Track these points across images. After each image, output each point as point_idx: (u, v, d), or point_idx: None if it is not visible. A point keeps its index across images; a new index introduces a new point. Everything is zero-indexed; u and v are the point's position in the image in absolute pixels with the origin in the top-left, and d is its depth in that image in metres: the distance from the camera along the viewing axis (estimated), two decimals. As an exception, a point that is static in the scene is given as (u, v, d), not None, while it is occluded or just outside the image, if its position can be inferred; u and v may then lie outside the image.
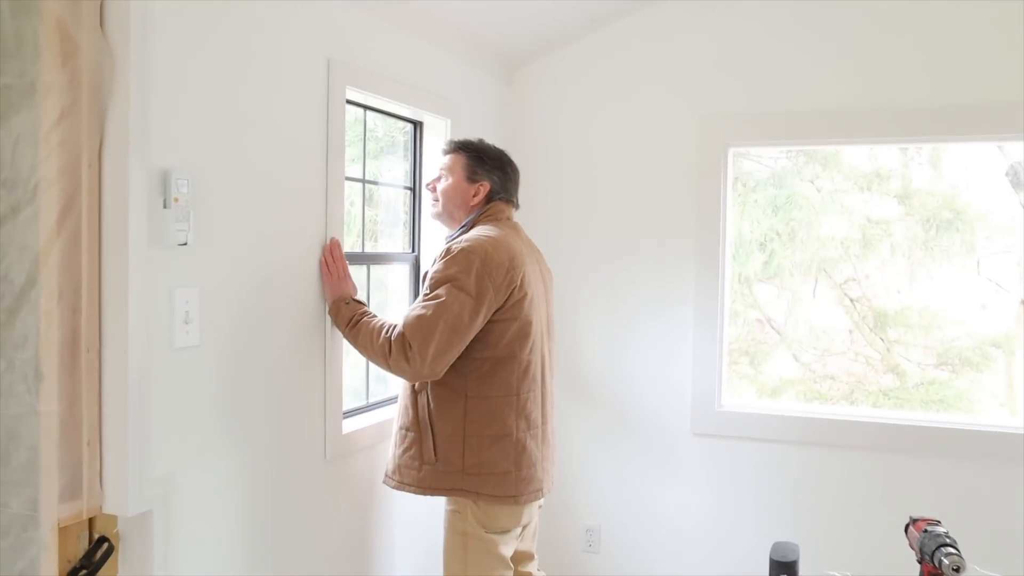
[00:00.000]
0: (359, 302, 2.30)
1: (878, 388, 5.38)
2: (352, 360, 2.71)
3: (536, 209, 3.37)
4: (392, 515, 2.70)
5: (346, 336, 2.26)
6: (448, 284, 2.13)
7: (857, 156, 5.14)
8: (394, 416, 2.38)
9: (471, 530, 2.24)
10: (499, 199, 2.38)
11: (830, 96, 3.07)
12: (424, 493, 2.25)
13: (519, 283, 2.21)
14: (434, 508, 2.95)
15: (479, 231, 2.26)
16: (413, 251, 2.96)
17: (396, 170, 2.96)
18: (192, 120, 1.82)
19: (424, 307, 2.13)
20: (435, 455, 2.22)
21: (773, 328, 5.62)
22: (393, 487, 2.31)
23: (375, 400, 2.75)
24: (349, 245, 2.57)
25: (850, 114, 3.05)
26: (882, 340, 5.47)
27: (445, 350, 2.11)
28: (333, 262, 2.28)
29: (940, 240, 5.17)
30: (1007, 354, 5.20)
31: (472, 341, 2.17)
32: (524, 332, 2.24)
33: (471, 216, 2.34)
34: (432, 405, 2.23)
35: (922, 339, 5.39)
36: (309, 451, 2.27)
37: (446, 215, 2.40)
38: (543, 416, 2.33)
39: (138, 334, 1.68)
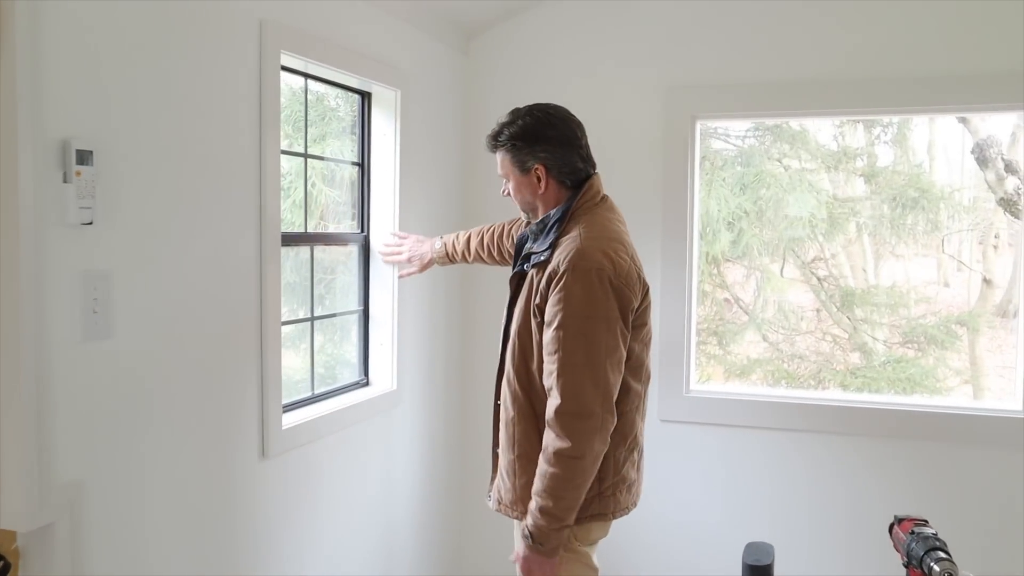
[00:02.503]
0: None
1: (845, 367, 5.34)
2: (297, 348, 2.54)
3: (495, 185, 3.18)
4: (340, 515, 2.53)
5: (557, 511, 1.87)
6: (582, 321, 1.82)
7: (824, 135, 5.05)
8: (502, 445, 2.04)
9: (565, 543, 1.94)
10: (592, 177, 2.03)
11: (801, 66, 2.92)
12: None
13: (643, 277, 1.96)
14: (390, 508, 2.78)
15: (584, 230, 1.91)
16: (362, 231, 2.76)
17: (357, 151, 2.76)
18: (99, 84, 1.61)
19: (564, 367, 1.82)
20: None
21: (741, 308, 5.53)
22: (516, 518, 2.01)
23: (321, 391, 2.57)
24: (288, 224, 2.38)
25: (821, 84, 2.90)
26: (849, 319, 5.42)
27: (610, 388, 1.85)
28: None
29: (906, 219, 5.13)
30: (971, 332, 5.18)
31: None
32: (648, 336, 2.02)
33: (563, 206, 1.98)
34: None
35: (888, 318, 5.36)
36: (243, 449, 2.08)
37: (531, 214, 2.08)
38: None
39: (35, 326, 1.48)
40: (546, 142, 1.98)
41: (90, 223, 1.58)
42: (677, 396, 3.09)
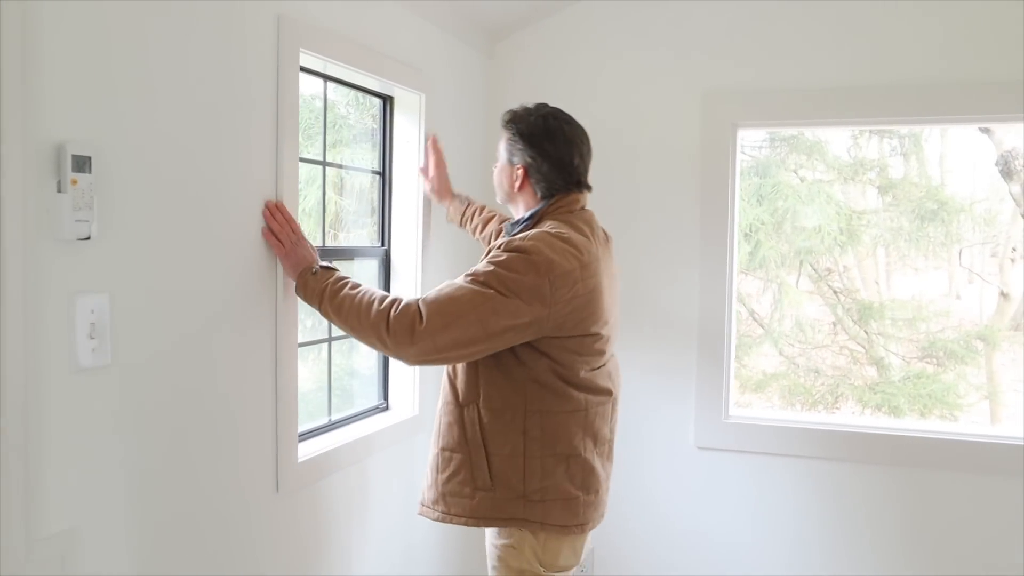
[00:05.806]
0: (329, 268, 1.90)
1: (863, 382, 5.20)
2: (312, 372, 2.35)
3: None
4: (363, 555, 2.33)
5: (322, 313, 1.86)
6: (499, 277, 1.75)
7: (838, 146, 4.93)
8: (431, 437, 1.98)
9: (528, 567, 1.89)
10: (571, 190, 1.95)
11: (848, 71, 2.73)
12: (477, 524, 1.88)
13: (591, 290, 1.84)
14: (409, 543, 2.59)
15: (549, 227, 1.86)
16: (383, 245, 2.58)
17: (371, 159, 2.58)
18: (99, 83, 1.43)
19: (460, 288, 1.75)
20: (491, 479, 1.86)
21: (756, 320, 5.37)
22: (435, 519, 1.92)
23: (339, 417, 2.38)
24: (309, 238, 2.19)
25: (870, 91, 2.71)
26: (866, 333, 5.27)
27: (465, 344, 1.74)
28: (280, 227, 1.89)
29: (925, 231, 5.00)
30: (990, 346, 5.04)
31: (536, 352, 1.83)
32: (593, 342, 1.89)
33: (536, 208, 1.94)
34: (485, 421, 1.87)
35: (904, 332, 5.22)
36: (256, 485, 1.89)
37: (507, 201, 2.05)
38: (611, 430, 2.01)
39: (21, 353, 1.30)
40: (539, 151, 1.94)
41: (87, 238, 1.40)
42: (716, 422, 2.89)
